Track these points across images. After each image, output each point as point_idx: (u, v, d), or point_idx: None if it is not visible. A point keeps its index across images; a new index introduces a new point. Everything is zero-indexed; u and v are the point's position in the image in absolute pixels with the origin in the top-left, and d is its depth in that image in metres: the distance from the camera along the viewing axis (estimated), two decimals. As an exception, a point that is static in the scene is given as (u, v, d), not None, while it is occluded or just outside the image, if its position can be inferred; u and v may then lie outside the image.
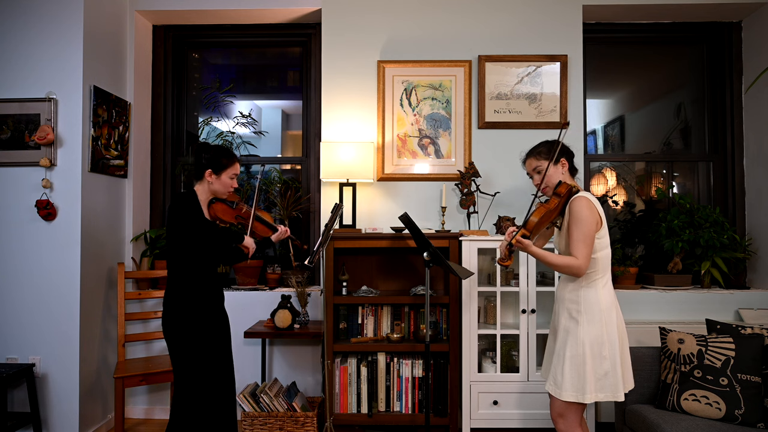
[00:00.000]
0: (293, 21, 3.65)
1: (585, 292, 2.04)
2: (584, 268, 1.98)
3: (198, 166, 2.34)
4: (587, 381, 1.97)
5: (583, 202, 2.00)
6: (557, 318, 2.15)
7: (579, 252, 1.98)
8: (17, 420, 2.84)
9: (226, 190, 2.38)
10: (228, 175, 2.35)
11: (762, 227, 3.38)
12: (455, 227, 3.30)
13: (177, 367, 2.26)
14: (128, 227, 3.46)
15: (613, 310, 2.04)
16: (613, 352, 2.00)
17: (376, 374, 3.03)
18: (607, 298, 2.04)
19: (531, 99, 3.38)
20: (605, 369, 1.98)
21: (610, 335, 2.00)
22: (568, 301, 2.08)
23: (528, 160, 2.23)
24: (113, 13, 3.32)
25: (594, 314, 2.01)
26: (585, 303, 2.03)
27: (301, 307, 3.24)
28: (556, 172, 2.14)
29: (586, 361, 1.98)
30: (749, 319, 3.12)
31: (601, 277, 2.06)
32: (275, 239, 2.52)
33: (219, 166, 2.32)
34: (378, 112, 3.40)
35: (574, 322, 2.04)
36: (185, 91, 3.83)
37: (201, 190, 2.35)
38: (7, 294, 2.96)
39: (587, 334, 2.00)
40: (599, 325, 2.00)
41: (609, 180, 3.76)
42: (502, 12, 3.41)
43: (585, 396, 1.98)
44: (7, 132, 2.98)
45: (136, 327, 3.41)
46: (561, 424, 2.08)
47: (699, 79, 3.74)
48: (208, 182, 2.33)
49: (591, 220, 1.99)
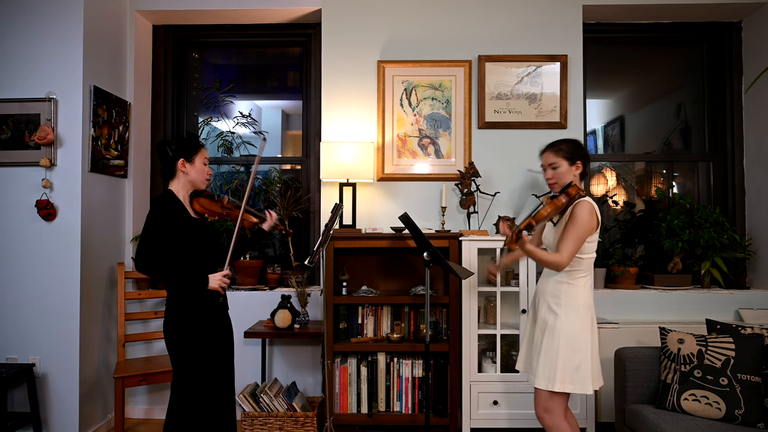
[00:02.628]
0: (293, 21, 3.65)
1: (567, 288, 2.14)
2: (565, 265, 2.08)
3: (166, 162, 2.22)
4: (558, 371, 2.07)
5: (588, 207, 2.10)
6: (536, 309, 2.24)
7: (566, 249, 2.07)
8: (17, 420, 2.84)
9: (203, 177, 2.27)
10: (200, 160, 2.25)
11: (762, 227, 3.38)
12: (455, 227, 3.30)
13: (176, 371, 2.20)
14: (128, 227, 3.46)
15: (589, 309, 2.14)
16: (586, 347, 2.09)
17: (376, 374, 3.03)
18: (587, 297, 2.14)
19: (531, 99, 3.38)
20: (578, 362, 2.08)
21: (584, 331, 2.10)
22: (549, 295, 2.18)
23: (546, 153, 2.27)
24: (113, 13, 3.32)
25: (572, 309, 2.11)
26: (565, 298, 2.13)
27: (301, 307, 3.24)
28: (569, 172, 2.21)
29: (560, 353, 2.08)
30: (749, 319, 3.12)
31: (584, 276, 2.15)
32: (267, 227, 2.44)
33: (189, 151, 2.22)
34: (378, 112, 3.40)
35: (552, 315, 2.13)
36: (185, 91, 3.83)
37: (178, 186, 2.24)
38: (7, 294, 2.96)
39: (564, 326, 2.10)
40: (576, 320, 2.10)
41: (609, 180, 3.76)
42: (502, 12, 3.41)
43: (555, 384, 2.07)
44: (7, 132, 2.98)
45: (136, 327, 3.41)
46: (547, 419, 2.15)
47: (699, 79, 3.74)
48: (183, 173, 2.22)
49: (590, 226, 2.09)
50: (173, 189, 2.24)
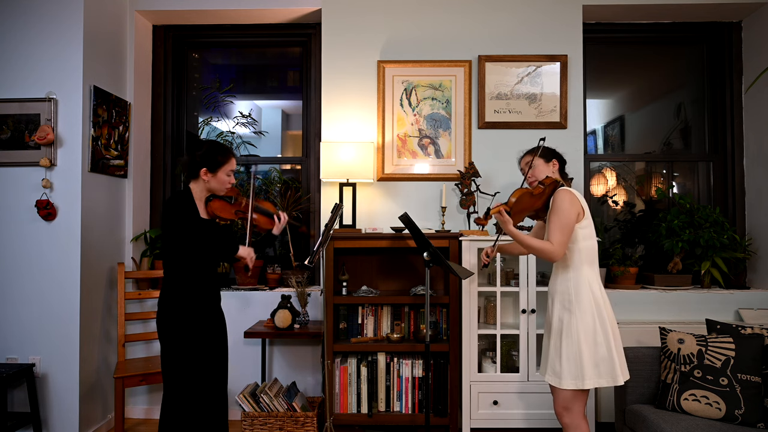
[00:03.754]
0: (293, 21, 3.65)
1: (575, 283, 2.13)
2: (558, 254, 2.07)
3: (192, 165, 2.26)
4: (585, 367, 2.05)
5: (566, 194, 2.11)
6: (551, 312, 2.22)
7: (554, 238, 2.07)
8: (17, 420, 2.84)
9: (224, 188, 2.31)
10: (224, 172, 2.27)
11: (762, 227, 3.38)
12: (455, 227, 3.30)
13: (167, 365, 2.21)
14: (128, 227, 3.46)
15: (601, 300, 2.13)
16: (606, 338, 2.08)
17: (376, 374, 3.03)
18: (595, 289, 2.13)
19: (531, 99, 3.38)
20: (601, 355, 2.06)
21: (602, 323, 2.09)
22: (560, 294, 2.17)
23: (523, 157, 2.37)
24: (113, 13, 3.32)
25: (584, 304, 2.10)
26: (576, 294, 2.11)
27: (301, 307, 3.24)
28: (546, 168, 2.26)
29: (582, 349, 2.06)
30: (749, 319, 3.12)
31: (589, 269, 2.15)
32: (277, 231, 2.43)
33: (214, 163, 2.24)
34: (378, 112, 3.40)
35: (567, 313, 2.12)
36: (185, 91, 3.83)
37: (197, 188, 2.28)
38: (7, 294, 2.96)
39: (580, 322, 2.08)
40: (590, 313, 2.09)
41: (609, 180, 3.76)
42: (502, 12, 3.41)
43: (585, 382, 2.05)
44: (7, 132, 2.98)
45: (136, 327, 3.41)
46: (566, 417, 2.14)
47: (699, 79, 3.74)
48: (204, 181, 2.26)
49: (571, 211, 2.09)
50: (192, 188, 2.28)
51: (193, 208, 2.23)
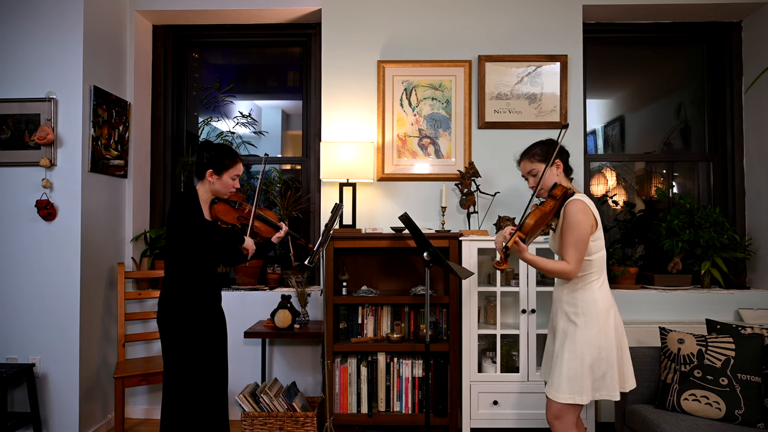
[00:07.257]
0: (293, 21, 3.65)
1: (582, 294, 2.04)
2: (575, 273, 2.00)
3: (199, 165, 2.31)
4: (585, 383, 1.98)
5: (579, 205, 2.00)
6: (555, 319, 2.16)
7: (570, 257, 1.98)
8: (17, 420, 2.84)
9: (228, 191, 2.34)
10: (229, 175, 2.31)
11: (762, 227, 3.38)
12: (455, 227, 3.30)
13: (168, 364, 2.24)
14: (128, 227, 3.46)
15: (610, 310, 2.05)
16: (610, 353, 2.00)
17: (376, 374, 3.03)
18: (605, 299, 2.04)
19: (531, 99, 3.38)
20: (603, 370, 1.99)
21: (608, 337, 2.00)
22: (565, 303, 2.08)
23: (522, 162, 2.21)
24: (113, 13, 3.32)
25: (591, 316, 2.01)
26: (582, 305, 2.03)
27: (301, 307, 3.24)
28: (551, 174, 2.12)
29: (584, 364, 1.98)
30: (749, 319, 3.12)
31: (597, 279, 2.06)
32: (276, 240, 2.50)
33: (221, 166, 2.29)
34: (378, 112, 3.40)
35: (572, 325, 2.04)
36: (185, 91, 3.83)
37: (202, 189, 2.33)
38: (7, 294, 2.96)
39: (585, 336, 2.00)
40: (597, 327, 2.00)
41: (609, 180, 3.76)
42: (502, 12, 3.41)
43: (582, 397, 1.98)
44: (7, 132, 2.98)
45: (136, 327, 3.41)
46: (557, 426, 2.08)
47: (699, 80, 3.74)
48: (209, 182, 2.30)
49: (585, 225, 1.98)
50: (198, 190, 2.32)
51: (197, 209, 2.26)
